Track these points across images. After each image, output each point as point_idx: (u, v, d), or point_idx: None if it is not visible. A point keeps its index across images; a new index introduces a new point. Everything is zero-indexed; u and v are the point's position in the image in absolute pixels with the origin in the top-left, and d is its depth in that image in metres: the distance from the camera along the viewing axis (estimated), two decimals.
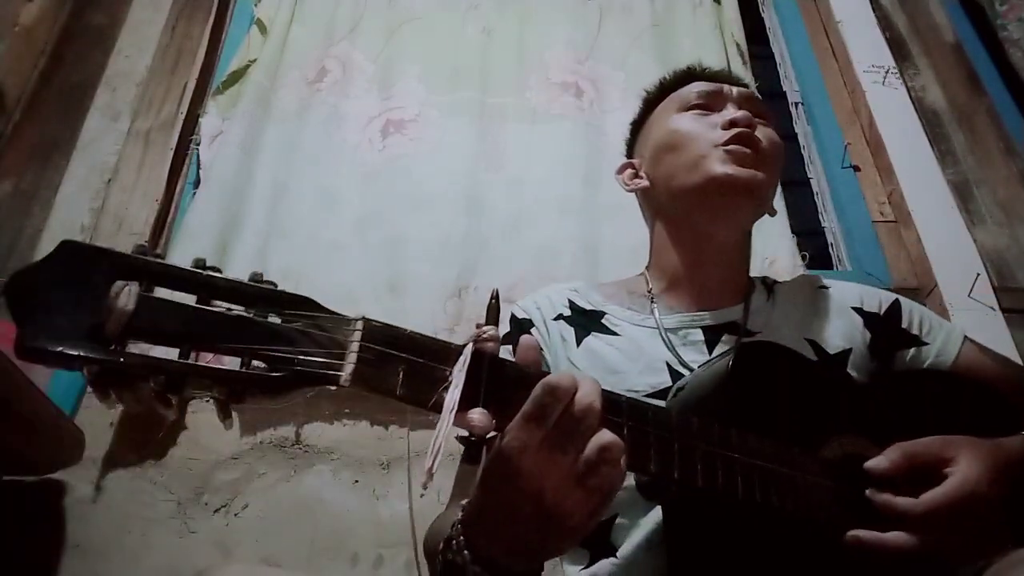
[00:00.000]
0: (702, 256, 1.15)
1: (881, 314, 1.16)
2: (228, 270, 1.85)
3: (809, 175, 2.35)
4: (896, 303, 1.18)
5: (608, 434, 0.63)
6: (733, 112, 1.12)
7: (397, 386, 0.60)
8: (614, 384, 1.00)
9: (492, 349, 0.66)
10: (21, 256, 1.93)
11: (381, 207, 2.03)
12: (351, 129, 2.21)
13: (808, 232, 2.18)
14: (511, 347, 1.09)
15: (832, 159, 2.30)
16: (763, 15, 2.73)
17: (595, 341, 1.10)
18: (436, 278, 1.89)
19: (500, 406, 0.64)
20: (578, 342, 1.11)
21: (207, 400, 1.21)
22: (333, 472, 1.69)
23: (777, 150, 1.14)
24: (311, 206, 2.04)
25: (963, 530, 0.79)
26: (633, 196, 1.28)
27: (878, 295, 1.20)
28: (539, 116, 2.25)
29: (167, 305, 0.55)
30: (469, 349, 0.63)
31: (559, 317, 1.15)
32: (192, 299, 0.57)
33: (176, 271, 0.57)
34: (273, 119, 2.20)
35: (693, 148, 1.11)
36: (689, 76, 1.24)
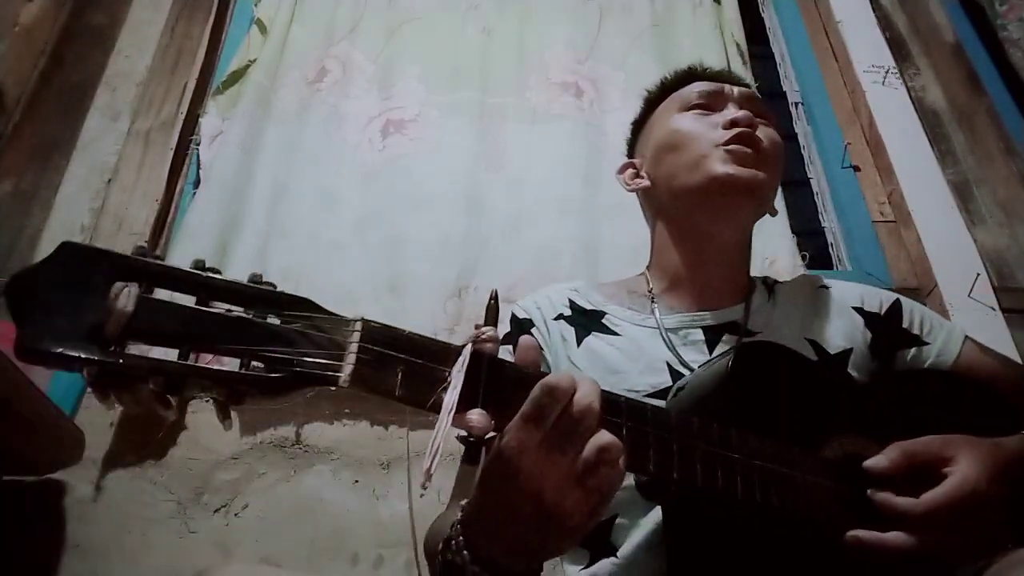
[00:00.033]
0: (703, 256, 1.15)
1: (882, 314, 1.16)
2: (228, 270, 1.85)
3: (809, 175, 2.35)
4: (897, 303, 1.18)
5: (607, 435, 0.63)
6: (734, 112, 1.12)
7: (396, 387, 0.60)
8: (614, 384, 1.00)
9: (491, 350, 0.66)
10: (21, 256, 1.93)
11: (381, 207, 2.03)
12: (351, 129, 2.21)
13: (808, 232, 2.18)
14: (511, 347, 1.09)
15: (832, 159, 2.30)
16: (763, 15, 2.73)
17: (595, 341, 1.10)
18: (436, 278, 1.89)
19: (499, 407, 0.64)
20: (578, 342, 1.11)
21: (207, 400, 1.21)
22: (333, 472, 1.69)
23: (778, 150, 1.14)
24: (311, 206, 2.04)
25: (963, 530, 0.79)
26: (633, 196, 1.28)
27: (879, 295, 1.20)
28: (539, 116, 2.24)
29: (166, 306, 0.56)
30: (468, 350, 0.63)
31: (559, 317, 1.15)
32: (191, 300, 0.57)
33: (175, 272, 0.57)
34: (273, 119, 2.20)
35: (694, 148, 1.11)
36: (690, 76, 1.24)
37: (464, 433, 0.64)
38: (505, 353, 1.02)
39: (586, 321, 1.14)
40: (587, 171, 2.11)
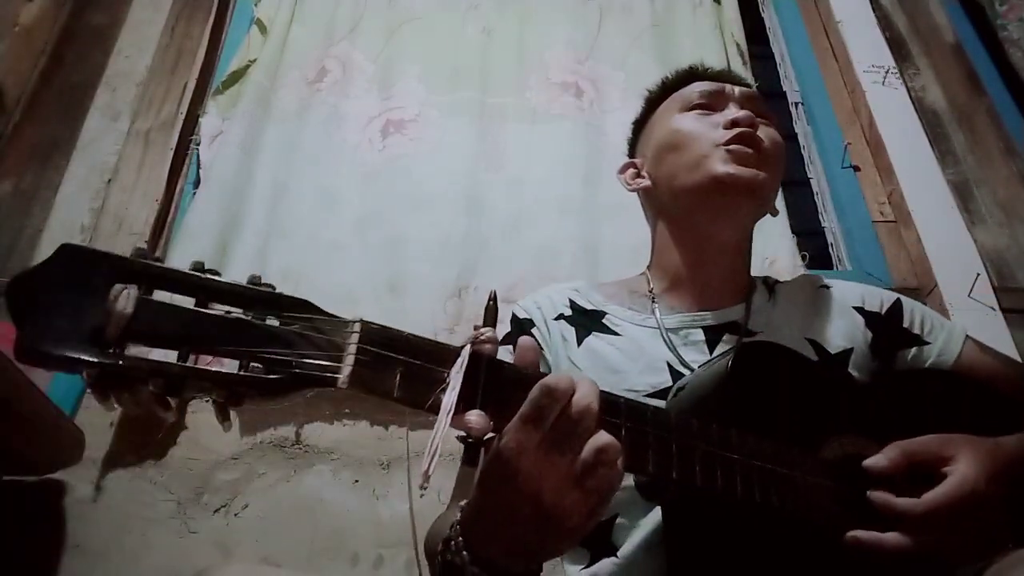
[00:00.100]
0: (703, 256, 1.15)
1: (882, 313, 1.16)
2: (228, 270, 1.85)
3: (809, 175, 2.35)
4: (897, 302, 1.18)
5: (605, 436, 0.64)
6: (735, 112, 1.12)
7: (395, 388, 0.60)
8: (615, 384, 1.01)
9: (490, 351, 0.66)
10: (21, 256, 1.93)
11: (381, 207, 2.02)
12: (351, 129, 2.21)
13: (808, 232, 2.18)
14: (512, 347, 1.09)
15: (832, 159, 2.29)
16: (763, 15, 2.73)
17: (596, 341, 1.10)
18: (436, 278, 1.89)
19: (498, 408, 0.64)
20: (579, 342, 1.11)
21: (207, 401, 1.21)
22: (333, 472, 1.69)
23: (779, 150, 1.14)
24: (311, 206, 2.04)
25: (962, 530, 0.78)
26: (634, 196, 1.27)
27: (879, 294, 1.20)
28: (539, 116, 2.24)
29: (166, 308, 0.56)
30: (467, 351, 0.63)
31: (560, 317, 1.15)
32: (191, 302, 0.57)
33: (175, 274, 0.57)
34: (273, 119, 2.20)
35: (695, 148, 1.11)
36: (691, 76, 1.24)
37: (463, 434, 0.64)
38: (505, 353, 1.02)
39: (586, 321, 1.13)
40: (587, 171, 2.11)
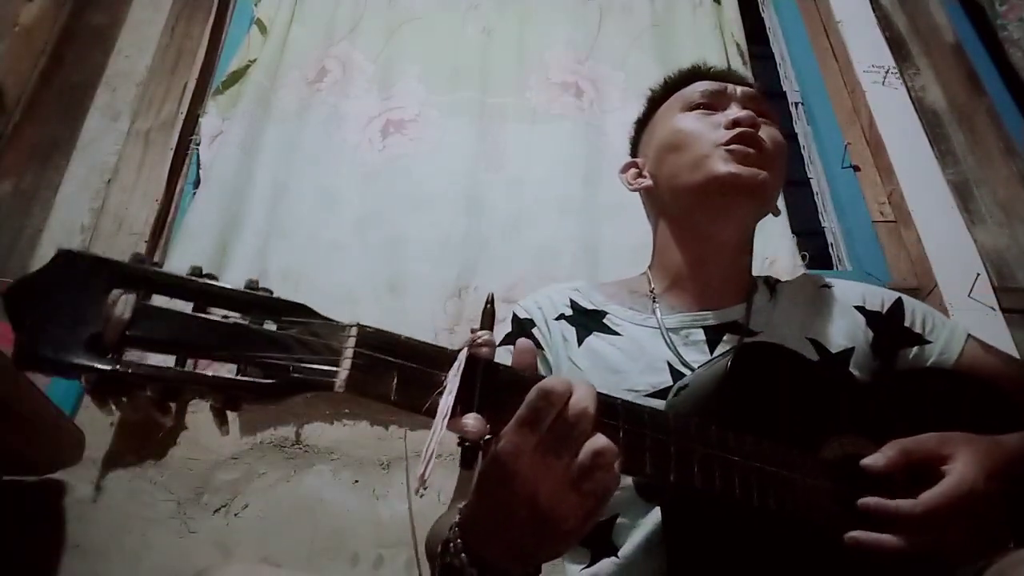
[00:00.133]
0: (704, 255, 1.15)
1: (883, 313, 1.16)
2: (228, 270, 1.84)
3: (809, 175, 2.35)
4: (899, 301, 1.18)
5: (602, 439, 0.64)
6: (737, 112, 1.12)
7: (391, 392, 0.60)
8: (615, 383, 1.01)
9: (487, 354, 0.66)
10: (21, 256, 1.93)
11: (381, 207, 2.02)
12: (351, 129, 2.21)
13: (808, 232, 2.18)
14: (513, 347, 1.09)
15: (832, 159, 2.29)
16: (763, 15, 2.73)
17: (596, 341, 1.11)
18: (436, 278, 1.89)
19: (495, 411, 0.64)
20: (579, 342, 1.11)
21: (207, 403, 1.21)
22: (333, 472, 1.70)
23: (780, 150, 1.14)
24: (311, 206, 2.04)
25: (961, 529, 0.78)
26: (633, 196, 1.27)
27: (880, 294, 1.20)
28: (539, 116, 2.24)
29: (164, 313, 0.56)
30: (463, 354, 0.63)
31: (560, 317, 1.15)
32: (189, 307, 0.58)
33: (173, 279, 0.57)
34: (273, 119, 2.20)
35: (695, 147, 1.11)
36: (694, 75, 1.24)
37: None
38: (506, 353, 1.02)
39: (587, 321, 1.14)
40: (587, 171, 2.10)
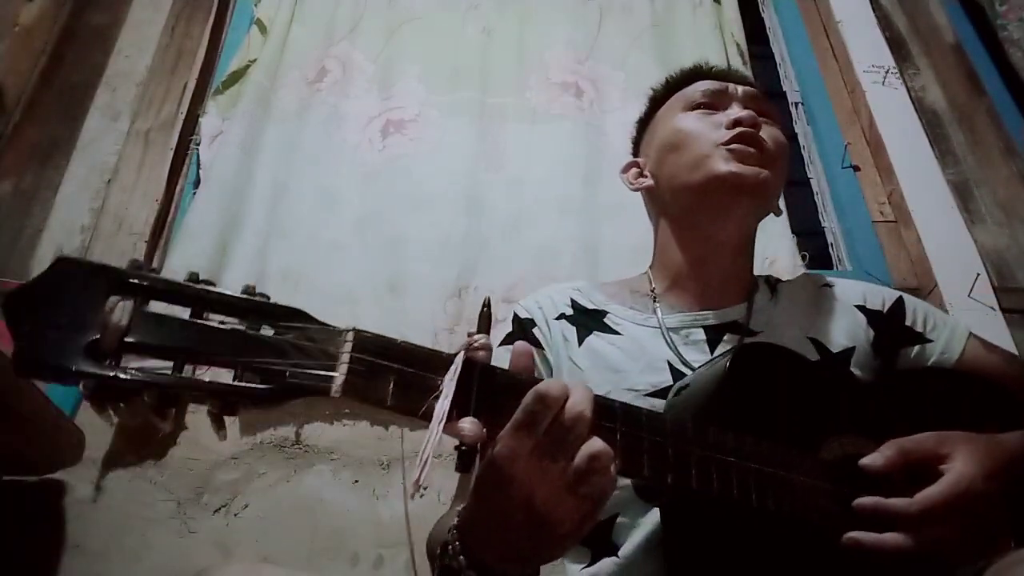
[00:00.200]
0: (705, 255, 1.14)
1: (884, 312, 1.15)
2: (228, 270, 1.84)
3: (809, 175, 2.35)
4: (900, 300, 1.17)
5: (598, 442, 0.64)
6: (738, 111, 1.12)
7: (388, 396, 0.60)
8: (616, 383, 1.01)
9: (483, 357, 0.66)
10: (21, 256, 1.93)
11: (381, 207, 2.03)
12: (351, 129, 2.21)
13: (808, 232, 2.18)
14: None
15: (832, 159, 2.29)
16: (763, 15, 2.73)
17: (597, 340, 1.10)
18: (436, 278, 1.90)
19: (492, 414, 0.64)
20: (580, 341, 1.11)
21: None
22: (333, 472, 1.70)
23: (782, 149, 1.13)
24: (311, 206, 2.04)
25: (960, 529, 0.78)
26: (633, 196, 1.27)
27: (881, 293, 1.19)
28: (539, 116, 2.24)
29: (161, 319, 0.56)
30: (460, 358, 0.63)
31: (561, 316, 1.15)
32: (186, 313, 0.58)
33: (170, 285, 0.58)
34: (273, 119, 2.20)
35: (696, 147, 1.10)
36: (695, 75, 1.23)
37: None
38: (507, 353, 1.02)
39: (588, 320, 1.13)
40: (587, 171, 2.11)
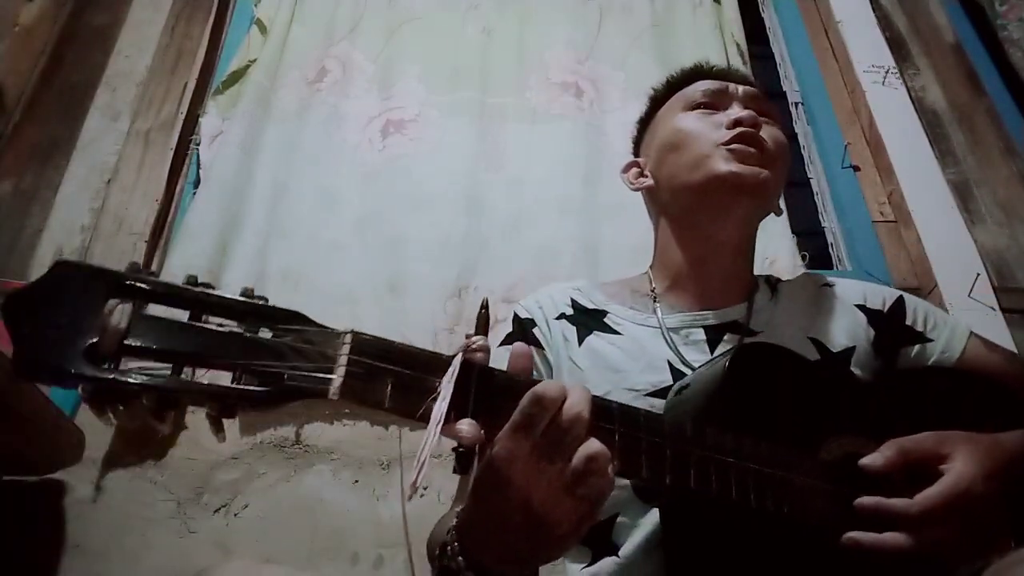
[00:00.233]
0: (705, 255, 1.14)
1: (885, 311, 1.15)
2: (228, 270, 1.84)
3: (809, 175, 2.35)
4: (900, 300, 1.17)
5: (596, 443, 0.64)
6: (738, 111, 1.11)
7: (386, 398, 0.60)
8: (616, 382, 1.01)
9: (481, 359, 0.66)
10: (21, 256, 1.93)
11: (381, 207, 2.03)
12: (351, 129, 2.21)
13: (808, 232, 2.18)
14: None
15: (832, 159, 2.30)
16: (763, 15, 2.72)
17: (597, 340, 1.10)
18: (436, 278, 1.90)
19: (490, 416, 0.64)
20: (580, 341, 1.11)
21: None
22: (333, 472, 1.70)
23: (782, 149, 1.13)
24: (311, 206, 2.04)
25: (959, 529, 0.77)
26: (633, 195, 1.27)
27: (882, 292, 1.19)
28: (539, 116, 2.24)
29: (160, 322, 0.56)
30: (458, 360, 0.63)
31: (561, 316, 1.15)
32: (185, 315, 0.58)
33: (169, 288, 0.58)
34: (273, 119, 2.20)
35: (696, 147, 1.10)
36: (696, 74, 1.23)
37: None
38: (507, 353, 1.02)
39: (588, 320, 1.13)
40: (587, 171, 2.11)
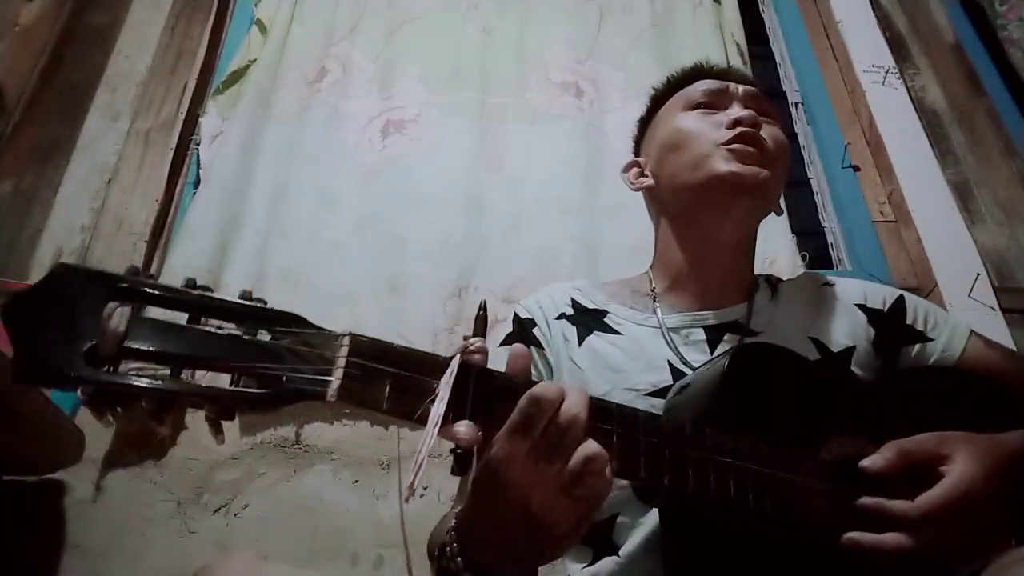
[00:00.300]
0: (705, 255, 1.14)
1: (885, 310, 1.15)
2: (228, 270, 1.83)
3: (809, 175, 2.34)
4: (900, 299, 1.17)
5: (593, 444, 0.64)
6: (738, 111, 1.11)
7: (384, 400, 0.60)
8: (616, 382, 1.01)
9: (479, 361, 0.66)
10: (21, 256, 1.93)
11: (381, 207, 2.03)
12: (351, 129, 2.21)
13: (808, 232, 2.18)
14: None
15: (832, 159, 2.30)
16: (763, 15, 2.72)
17: (597, 340, 1.10)
18: (436, 278, 1.90)
19: (488, 418, 0.64)
20: (580, 341, 1.11)
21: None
22: (333, 472, 1.70)
23: (782, 149, 1.13)
24: (311, 206, 2.04)
25: (959, 530, 0.77)
26: (633, 195, 1.27)
27: (882, 291, 1.19)
28: (539, 116, 2.24)
29: (159, 325, 0.56)
30: (456, 362, 0.63)
31: (561, 316, 1.14)
32: (184, 318, 0.58)
33: (167, 291, 0.58)
34: (273, 119, 2.20)
35: (696, 147, 1.10)
36: (696, 74, 1.23)
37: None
38: (507, 353, 1.02)
39: (588, 320, 1.13)
40: (587, 171, 2.11)
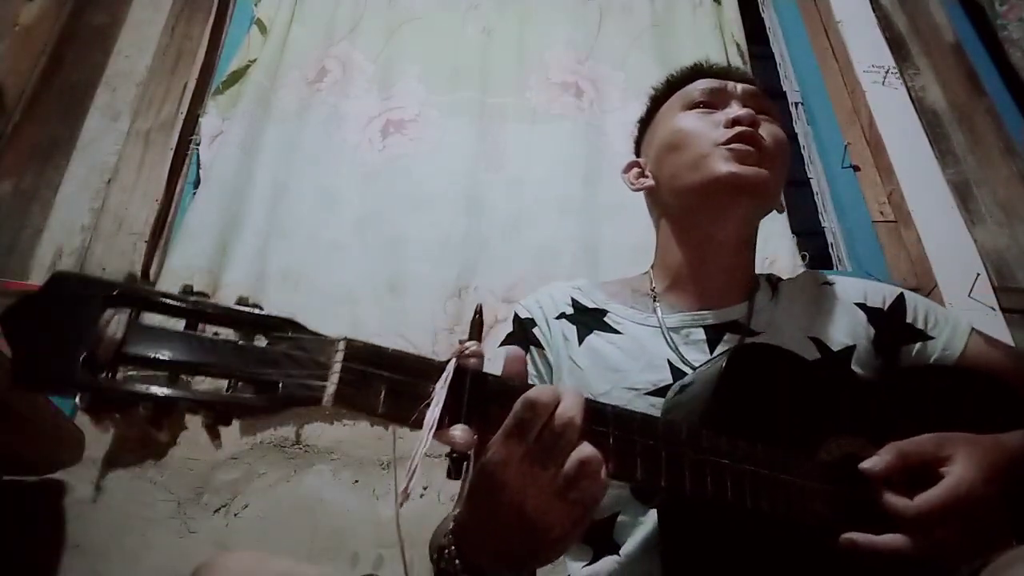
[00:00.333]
0: (705, 255, 1.14)
1: (885, 309, 1.15)
2: (228, 270, 1.84)
3: (809, 175, 2.34)
4: (900, 297, 1.16)
5: (588, 448, 0.64)
6: (737, 110, 1.11)
7: (379, 405, 0.61)
8: (616, 382, 1.01)
9: (475, 365, 0.66)
10: (21, 256, 1.93)
11: (381, 207, 2.03)
12: (351, 129, 2.21)
13: (808, 232, 2.18)
14: (516, 347, 1.09)
15: (832, 159, 2.30)
16: (763, 15, 2.72)
17: (597, 339, 1.10)
18: (436, 278, 1.90)
19: (483, 421, 0.64)
20: (580, 340, 1.11)
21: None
22: (333, 472, 1.70)
23: (781, 147, 1.13)
24: (311, 206, 2.04)
25: (959, 531, 0.77)
26: (633, 195, 1.26)
27: (882, 290, 1.19)
28: (539, 116, 2.25)
29: (156, 332, 0.57)
30: (451, 366, 0.64)
31: (561, 315, 1.15)
32: (181, 324, 0.58)
33: (164, 298, 0.58)
34: (273, 119, 2.20)
35: (695, 147, 1.10)
36: (695, 73, 1.23)
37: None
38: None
39: (588, 319, 1.13)
40: (587, 171, 2.11)
